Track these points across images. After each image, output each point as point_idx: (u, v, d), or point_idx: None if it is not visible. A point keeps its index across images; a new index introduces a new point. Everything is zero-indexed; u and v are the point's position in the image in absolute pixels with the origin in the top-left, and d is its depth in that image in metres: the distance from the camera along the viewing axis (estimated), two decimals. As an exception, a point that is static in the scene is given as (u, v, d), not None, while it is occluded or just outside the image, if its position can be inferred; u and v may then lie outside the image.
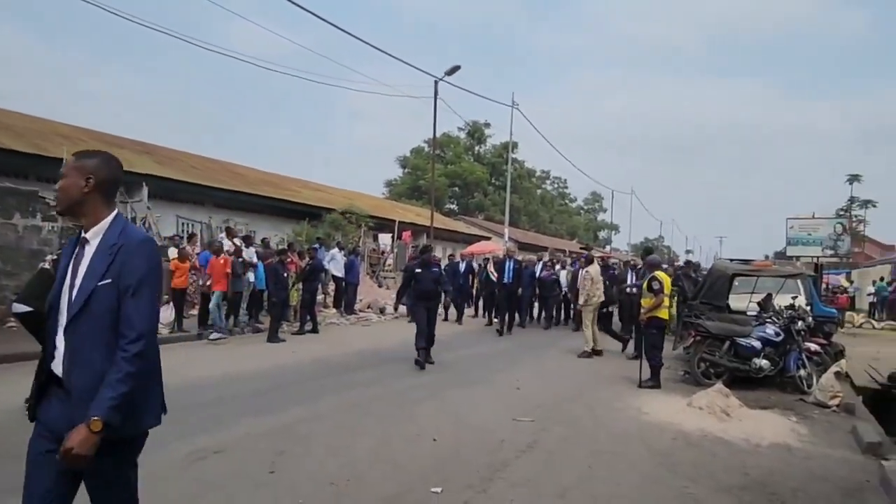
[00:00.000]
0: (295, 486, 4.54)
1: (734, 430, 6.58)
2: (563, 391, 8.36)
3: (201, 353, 10.46)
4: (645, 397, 8.12)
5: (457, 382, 8.61)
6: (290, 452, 5.30)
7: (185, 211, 19.57)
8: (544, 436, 6.13)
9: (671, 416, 7.06)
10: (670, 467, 5.34)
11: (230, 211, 21.06)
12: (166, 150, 24.42)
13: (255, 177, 26.89)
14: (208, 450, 5.27)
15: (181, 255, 12.18)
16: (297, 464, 5.01)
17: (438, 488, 4.59)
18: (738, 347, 8.99)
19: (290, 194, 25.59)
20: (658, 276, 8.94)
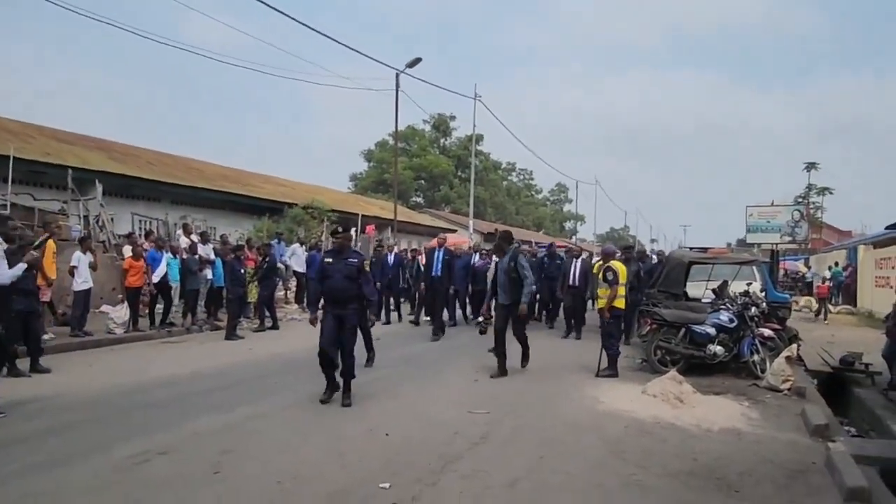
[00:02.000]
0: (240, 486, 4.46)
1: (686, 417, 6.65)
2: (521, 382, 8.37)
3: (157, 353, 10.24)
4: (602, 386, 8.16)
5: (414, 377, 8.55)
6: (237, 451, 5.21)
7: (142, 208, 19.13)
8: (498, 427, 6.12)
9: (626, 405, 7.10)
10: (620, 455, 5.38)
11: (188, 207, 20.65)
12: (121, 146, 23.83)
13: (213, 172, 26.42)
14: (152, 451, 5.15)
15: (135, 254, 11.91)
16: (244, 463, 4.92)
17: (387, 483, 4.55)
18: (694, 334, 9.09)
19: (251, 189, 25.21)
20: (613, 265, 8.99)
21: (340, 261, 6.91)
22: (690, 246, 13.81)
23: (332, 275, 6.87)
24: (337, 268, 6.87)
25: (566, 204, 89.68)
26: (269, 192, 26.33)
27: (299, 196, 26.38)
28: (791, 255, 39.02)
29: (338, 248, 7.05)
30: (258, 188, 26.26)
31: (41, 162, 16.10)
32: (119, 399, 6.97)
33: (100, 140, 23.48)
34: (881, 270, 19.72)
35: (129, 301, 11.65)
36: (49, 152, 17.38)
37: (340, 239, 7.06)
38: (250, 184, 26.72)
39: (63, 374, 8.25)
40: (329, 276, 6.90)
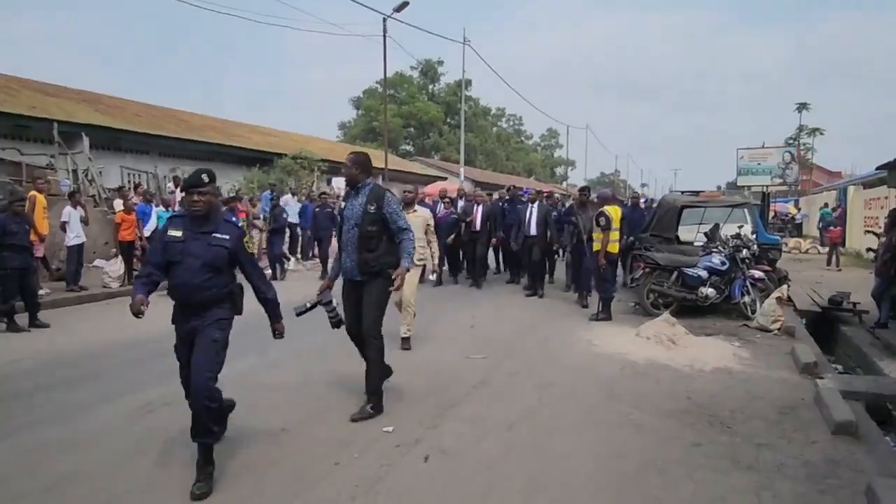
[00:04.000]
0: (244, 434, 4.56)
1: (679, 358, 6.80)
2: (517, 328, 8.49)
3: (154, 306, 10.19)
4: (596, 330, 8.30)
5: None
6: (242, 401, 5.26)
7: (130, 161, 18.90)
8: (495, 372, 6.25)
9: (620, 347, 7.25)
10: (616, 396, 5.52)
11: (177, 159, 20.42)
12: (107, 98, 23.40)
13: (200, 123, 26.05)
14: (157, 402, 5.24)
15: (127, 208, 11.83)
16: (248, 412, 5.00)
17: (390, 427, 4.66)
18: (686, 277, 9.20)
19: (239, 140, 24.91)
20: (606, 210, 9.02)
21: (200, 235, 3.95)
22: (682, 190, 13.75)
23: (183, 259, 4.00)
24: (192, 248, 3.98)
25: (557, 149, 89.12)
26: (258, 142, 26.02)
27: (288, 146, 26.09)
28: (781, 197, 39.16)
29: (199, 212, 3.94)
30: (246, 139, 25.94)
31: (26, 116, 15.82)
32: (120, 353, 7.04)
33: (85, 92, 23.01)
34: (870, 211, 19.84)
35: (122, 255, 11.64)
36: (34, 105, 17.05)
37: (202, 197, 3.90)
38: (238, 134, 26.39)
39: (61, 329, 8.30)
40: (177, 260, 4.02)
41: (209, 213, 3.98)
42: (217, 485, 3.79)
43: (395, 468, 4.04)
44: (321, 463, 4.11)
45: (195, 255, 3.96)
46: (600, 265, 8.99)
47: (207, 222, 4.00)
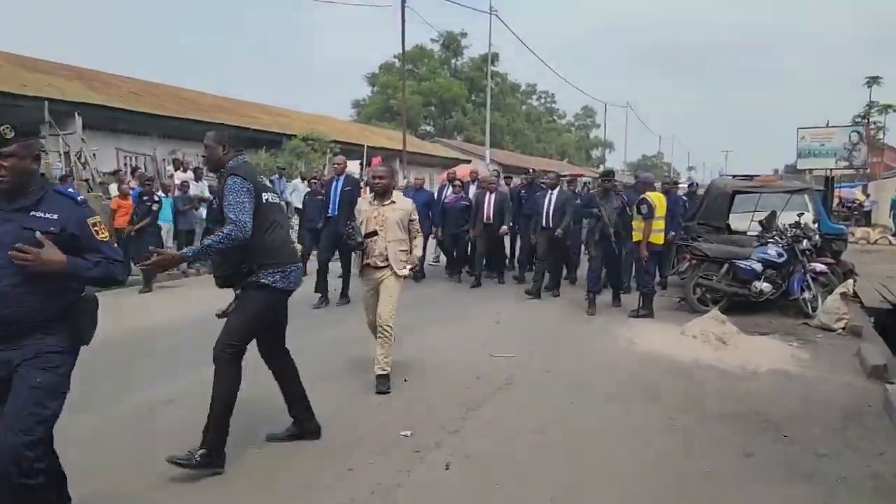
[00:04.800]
0: (252, 433, 4.62)
1: (729, 358, 6.74)
2: (548, 324, 8.50)
3: (153, 298, 10.47)
4: (636, 327, 8.26)
5: (432, 319, 8.70)
6: (247, 399, 5.31)
7: (127, 143, 19.13)
8: (523, 371, 6.26)
9: (663, 346, 7.21)
10: (658, 399, 5.49)
11: (178, 141, 20.63)
12: (102, 75, 23.65)
13: (205, 102, 26.28)
14: (158, 401, 5.33)
15: (122, 193, 11.99)
16: (255, 410, 5.05)
17: (408, 431, 4.69)
18: (738, 270, 9.11)
19: (246, 120, 25.09)
20: (649, 197, 8.95)
21: (11, 215, 2.97)
22: (734, 174, 13.57)
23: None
24: None
25: (593, 129, 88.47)
26: (266, 122, 26.21)
27: (298, 127, 26.25)
28: (847, 181, 38.48)
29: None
30: (255, 119, 26.13)
31: (14, 94, 16.07)
32: (118, 348, 7.13)
33: (77, 68, 23.28)
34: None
35: (119, 243, 11.79)
36: (25, 83, 17.32)
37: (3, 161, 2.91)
38: (246, 114, 26.58)
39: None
40: None
41: (20, 184, 2.96)
42: (223, 493, 3.84)
43: (413, 475, 4.06)
44: (333, 468, 4.14)
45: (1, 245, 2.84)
46: (642, 257, 8.94)
47: (20, 196, 2.97)
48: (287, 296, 4.29)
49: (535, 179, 13.34)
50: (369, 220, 5.58)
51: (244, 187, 3.98)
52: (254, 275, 4.10)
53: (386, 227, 5.51)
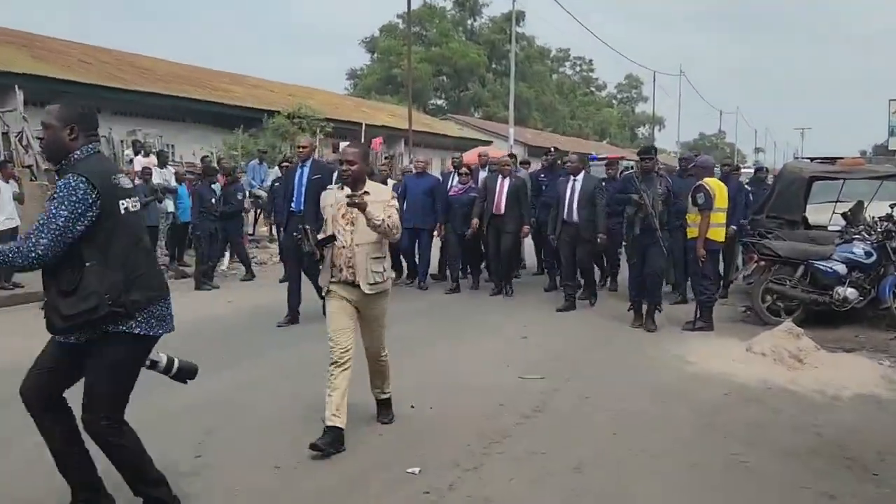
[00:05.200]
0: (229, 474, 4.64)
1: (806, 381, 6.72)
2: (585, 338, 8.52)
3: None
4: (691, 343, 8.24)
5: (445, 333, 8.75)
6: (223, 430, 5.39)
7: (77, 121, 19.27)
8: (557, 396, 6.27)
9: (724, 366, 7.19)
10: (719, 429, 5.48)
11: (137, 119, 20.79)
12: (46, 41, 23.86)
13: (168, 71, 26.45)
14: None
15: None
16: (232, 444, 5.10)
17: (416, 468, 4.70)
18: (816, 273, 9.07)
19: (219, 94, 25.26)
20: (706, 184, 8.91)
21: None
22: (811, 156, 13.48)
23: None
24: None
25: (639, 103, 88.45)
26: (242, 96, 26.35)
27: (281, 101, 26.36)
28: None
29: None
30: (227, 92, 26.28)
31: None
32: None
33: (20, 33, 23.48)
34: None
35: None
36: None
37: None
38: (217, 86, 26.75)
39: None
40: None
41: None
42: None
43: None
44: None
45: None
46: (698, 257, 8.90)
47: None
48: (153, 342, 3.82)
49: (557, 160, 12.77)
50: (334, 219, 5.09)
51: (76, 196, 3.45)
52: (106, 318, 3.54)
53: (356, 228, 5.00)
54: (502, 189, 11.11)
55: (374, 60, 61.30)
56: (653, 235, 8.72)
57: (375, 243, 5.10)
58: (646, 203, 8.70)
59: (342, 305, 5.18)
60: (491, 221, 11.22)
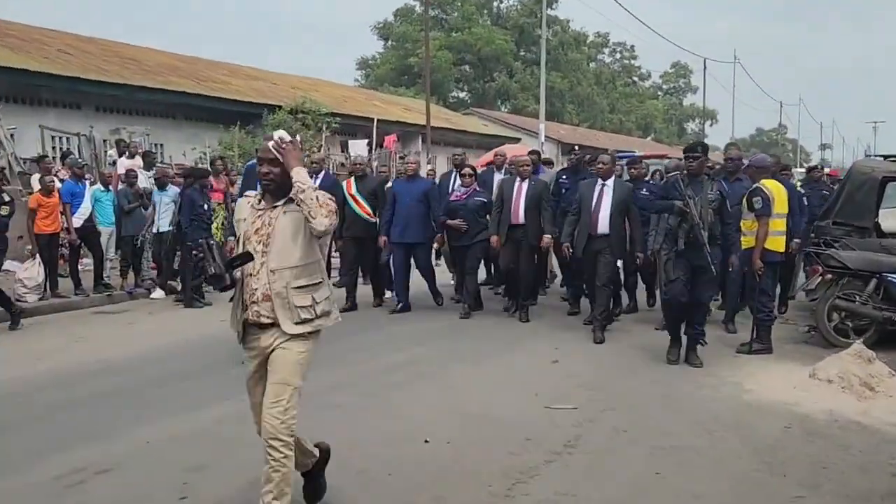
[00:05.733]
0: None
1: (880, 412, 6.65)
2: (622, 363, 8.46)
3: (87, 329, 10.56)
4: (746, 367, 8.18)
5: (463, 355, 8.71)
6: (209, 468, 5.36)
7: (53, 118, 19.46)
8: (591, 429, 6.21)
9: (785, 394, 7.13)
10: (778, 468, 5.41)
11: (122, 116, 21.00)
12: (22, 29, 24.12)
13: (156, 62, 26.66)
14: (89, 469, 5.33)
15: (45, 187, 12.12)
16: (219, 483, 5.07)
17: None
18: (891, 288, 8.98)
19: (212, 87, 25.42)
20: (764, 186, 8.82)
21: None
22: (885, 154, 13.34)
23: None
24: None
25: (687, 94, 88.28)
26: (240, 89, 26.52)
27: (283, 95, 26.52)
28: None
29: None
30: (223, 85, 26.45)
31: None
32: (37, 395, 7.21)
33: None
34: None
35: (42, 255, 11.93)
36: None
37: None
38: (211, 79, 26.92)
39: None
40: None
41: None
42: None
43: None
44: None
45: None
46: (755, 269, 8.79)
47: None
48: None
49: (581, 160, 12.05)
50: (247, 237, 4.30)
51: None
52: None
53: (271, 244, 4.19)
54: (520, 194, 10.51)
55: (387, 48, 61.62)
56: (700, 253, 7.98)
57: (301, 267, 4.21)
58: (692, 212, 7.98)
59: (256, 366, 4.38)
60: (508, 233, 10.55)
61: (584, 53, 71.01)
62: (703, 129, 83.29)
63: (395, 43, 59.84)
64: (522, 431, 6.09)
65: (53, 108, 19.71)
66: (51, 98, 19.59)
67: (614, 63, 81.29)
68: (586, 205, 9.70)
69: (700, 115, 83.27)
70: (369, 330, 10.11)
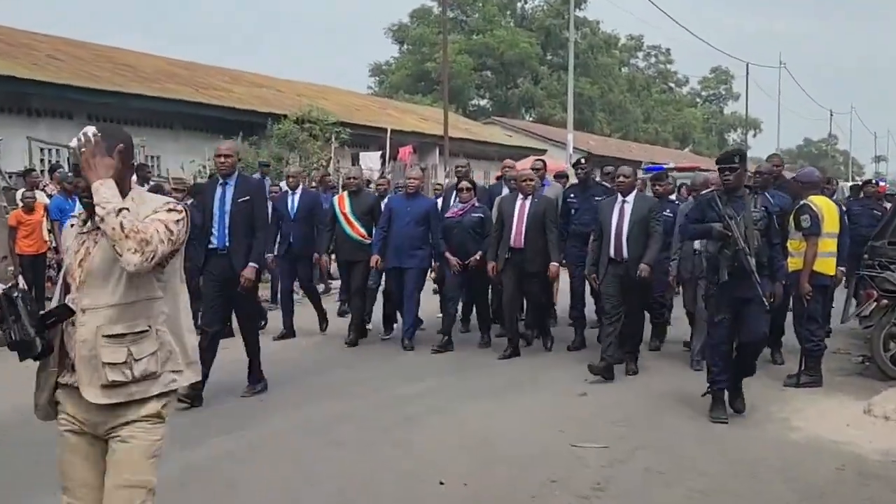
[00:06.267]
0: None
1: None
2: (656, 396, 8.41)
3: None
4: (794, 402, 8.11)
5: (478, 388, 8.69)
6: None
7: (43, 129, 19.57)
8: (622, 470, 6.17)
9: (836, 432, 7.06)
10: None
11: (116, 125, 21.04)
12: (9, 32, 24.31)
13: (152, 67, 26.84)
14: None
15: (26, 204, 12.18)
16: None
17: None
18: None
19: (213, 95, 25.54)
20: (812, 204, 8.77)
21: None
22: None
23: None
24: None
25: (729, 102, 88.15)
26: (242, 97, 26.63)
27: (289, 103, 26.64)
28: None
29: None
30: (225, 92, 26.58)
31: None
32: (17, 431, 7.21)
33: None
34: None
35: (25, 277, 11.98)
36: None
37: None
38: (211, 86, 27.06)
39: None
40: None
41: None
42: None
43: None
44: None
45: None
46: (803, 294, 8.71)
47: None
48: None
49: (592, 173, 11.40)
50: (70, 270, 3.53)
51: None
52: None
53: (87, 280, 3.41)
54: (522, 213, 9.96)
55: (402, 52, 61.88)
56: (748, 283, 7.21)
57: (120, 307, 3.38)
58: (734, 235, 7.24)
59: (76, 444, 3.49)
60: (507, 258, 10.01)
61: (616, 57, 71.12)
62: (745, 139, 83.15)
63: (411, 47, 60.12)
64: (546, 472, 6.05)
65: (43, 117, 19.82)
66: (40, 107, 19.70)
67: (649, 68, 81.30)
68: (607, 225, 9.23)
69: (742, 125, 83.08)
70: (373, 359, 10.15)
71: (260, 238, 8.18)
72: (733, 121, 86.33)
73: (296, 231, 11.41)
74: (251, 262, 7.94)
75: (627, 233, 9.07)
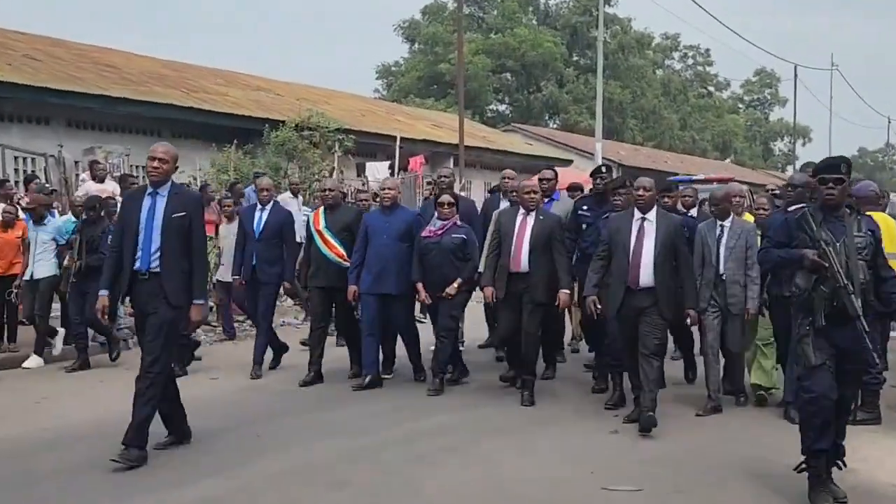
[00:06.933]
0: None
1: None
2: (696, 434, 8.37)
3: (55, 387, 10.59)
4: (851, 441, 7.93)
5: (497, 424, 8.68)
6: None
7: (18, 136, 19.63)
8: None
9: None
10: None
11: (98, 132, 21.19)
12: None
13: (138, 69, 26.94)
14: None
15: (5, 219, 12.20)
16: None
17: None
18: None
19: (206, 99, 25.59)
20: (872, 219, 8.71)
21: None
22: None
23: None
24: None
25: (774, 107, 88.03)
26: (237, 101, 26.70)
27: (289, 107, 26.66)
28: None
29: None
30: (218, 96, 26.62)
31: None
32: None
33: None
34: None
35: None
36: None
37: None
38: (203, 89, 27.12)
39: None
40: None
41: None
42: None
43: None
44: None
45: None
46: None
47: None
48: None
49: (609, 186, 10.25)
50: None
51: None
52: None
53: None
54: (523, 232, 9.47)
55: (413, 52, 62.02)
56: (850, 329, 6.07)
57: None
58: (833, 266, 6.08)
59: None
60: (507, 285, 9.54)
61: (649, 59, 71.12)
62: (793, 149, 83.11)
63: (423, 46, 60.25)
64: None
65: (17, 123, 19.89)
66: (14, 112, 19.76)
67: (686, 70, 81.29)
68: (621, 247, 8.54)
69: (790, 133, 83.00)
70: (378, 395, 10.06)
71: (198, 266, 7.67)
72: (780, 128, 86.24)
73: (260, 252, 10.90)
74: (196, 300, 7.48)
75: (654, 257, 8.43)
